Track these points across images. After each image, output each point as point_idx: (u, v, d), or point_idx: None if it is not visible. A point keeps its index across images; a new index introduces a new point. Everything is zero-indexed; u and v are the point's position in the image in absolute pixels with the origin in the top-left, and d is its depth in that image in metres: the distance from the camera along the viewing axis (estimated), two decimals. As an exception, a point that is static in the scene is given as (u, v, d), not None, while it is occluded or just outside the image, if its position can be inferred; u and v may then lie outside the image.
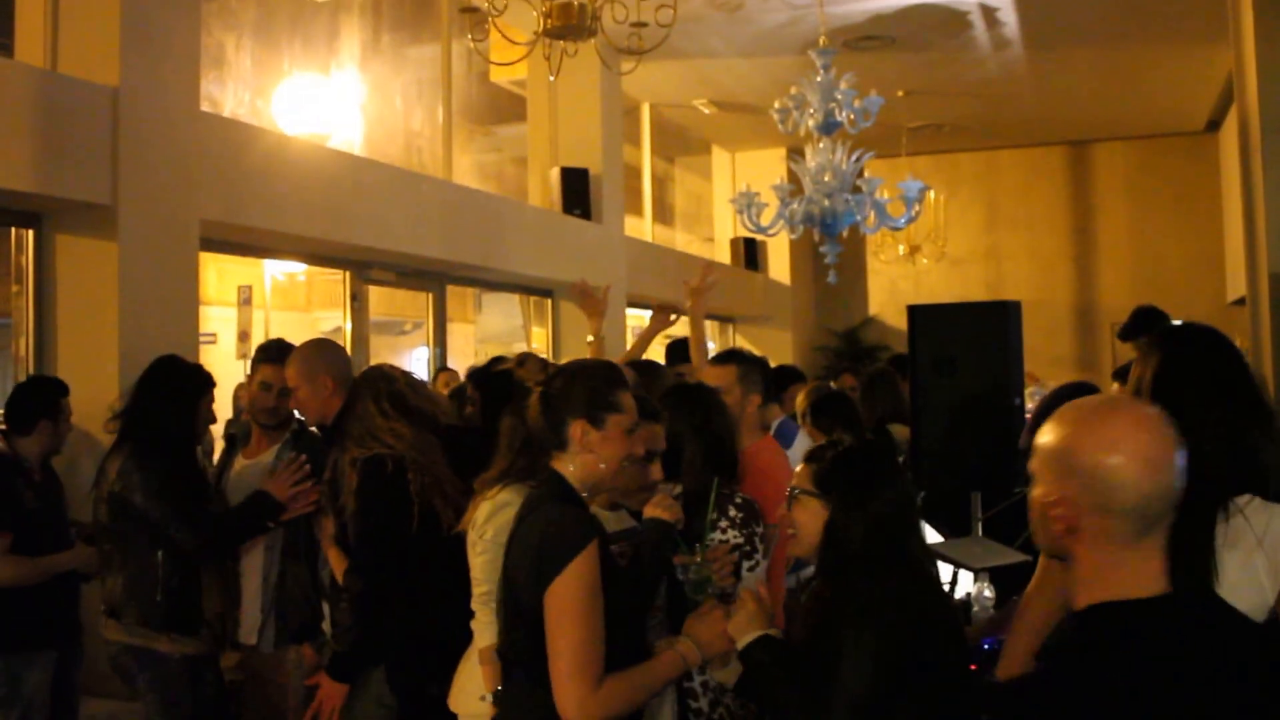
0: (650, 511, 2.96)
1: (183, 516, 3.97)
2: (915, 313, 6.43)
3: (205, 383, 4.33)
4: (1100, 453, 1.62)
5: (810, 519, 2.53)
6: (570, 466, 2.73)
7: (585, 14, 5.33)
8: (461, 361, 11.99)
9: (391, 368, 3.99)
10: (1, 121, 4.75)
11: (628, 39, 5.43)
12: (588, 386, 2.76)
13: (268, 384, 4.36)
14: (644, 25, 5.33)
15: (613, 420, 2.72)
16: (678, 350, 6.30)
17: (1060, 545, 1.71)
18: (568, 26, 5.35)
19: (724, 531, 3.25)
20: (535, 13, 5.33)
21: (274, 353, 4.43)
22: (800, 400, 6.38)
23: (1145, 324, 6.07)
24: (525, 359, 3.80)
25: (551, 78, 5.60)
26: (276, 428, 4.41)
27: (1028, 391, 11.49)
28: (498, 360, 4.20)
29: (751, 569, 3.19)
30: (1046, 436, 1.71)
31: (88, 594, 4.65)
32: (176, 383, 4.22)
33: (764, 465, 3.91)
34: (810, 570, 2.70)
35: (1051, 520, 1.69)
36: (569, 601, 2.51)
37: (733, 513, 3.28)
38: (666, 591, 3.02)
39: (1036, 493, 1.74)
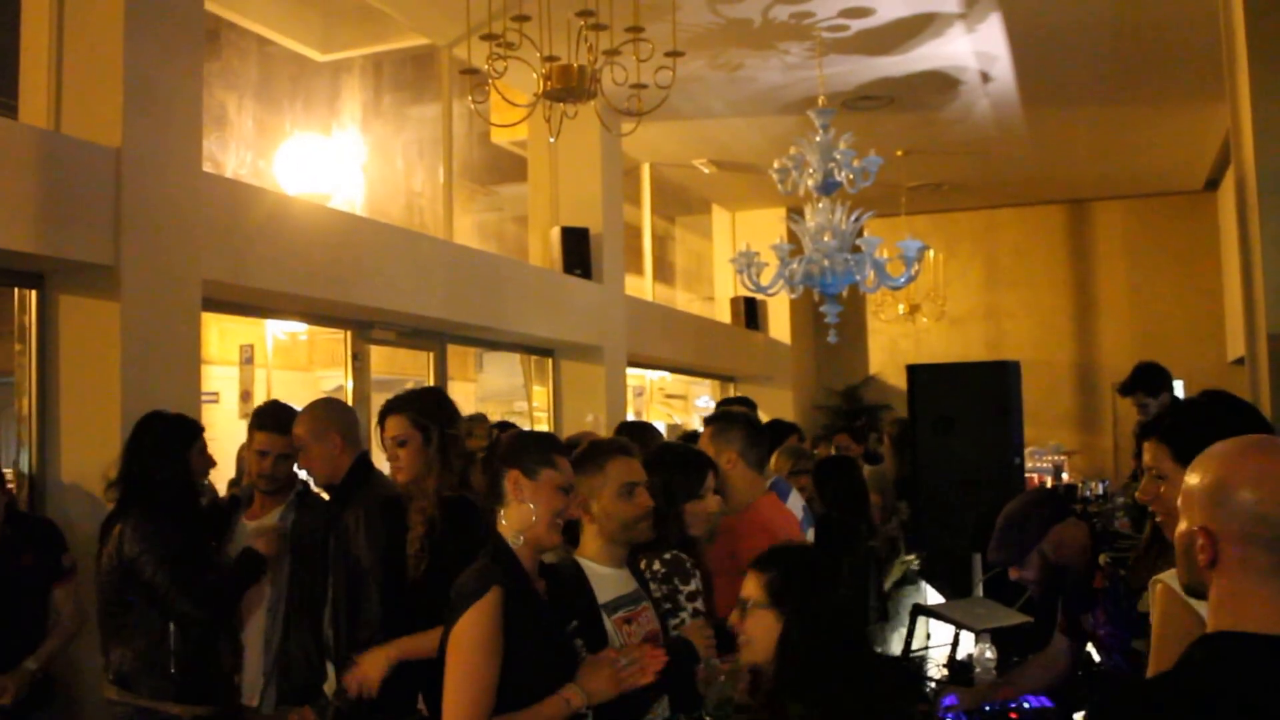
0: (687, 632, 3.11)
1: (187, 589, 3.99)
2: (915, 373, 6.47)
3: (191, 431, 4.34)
4: (1248, 486, 1.70)
5: (764, 632, 2.57)
6: (507, 520, 2.85)
7: (584, 76, 5.40)
8: (463, 419, 11.93)
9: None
10: (5, 182, 4.76)
11: (627, 100, 5.49)
12: (523, 443, 2.95)
13: (264, 451, 4.38)
14: (643, 87, 5.39)
15: (545, 473, 2.85)
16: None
17: (1202, 578, 1.78)
18: (567, 89, 5.42)
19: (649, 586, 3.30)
20: (535, 75, 5.40)
21: (268, 418, 4.45)
22: (774, 461, 6.37)
23: (1146, 380, 6.10)
24: (474, 426, 3.88)
25: (551, 139, 5.66)
26: (277, 491, 4.43)
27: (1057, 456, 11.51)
28: None
29: (676, 627, 3.25)
30: (1196, 475, 1.79)
31: (85, 656, 4.64)
32: (162, 436, 4.25)
33: (764, 520, 3.94)
34: None
35: (1197, 551, 1.76)
36: (457, 647, 2.67)
37: (657, 566, 3.34)
38: None
39: (1182, 527, 1.82)
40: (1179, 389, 12.97)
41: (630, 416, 11.08)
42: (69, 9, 5.40)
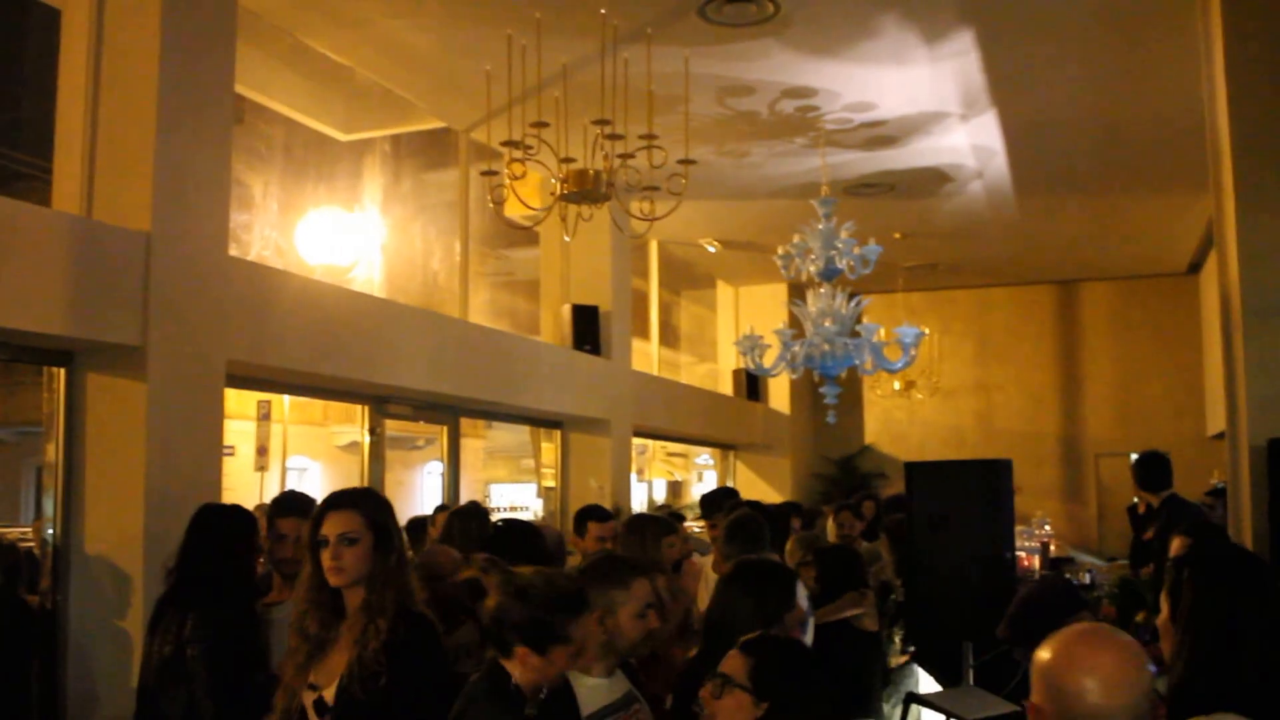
0: None
1: (219, 699, 3.97)
2: (912, 470, 6.66)
3: (251, 523, 4.41)
4: (1069, 672, 1.89)
5: (736, 713, 2.43)
6: (515, 671, 2.77)
7: (600, 180, 5.61)
8: (471, 474, 12.01)
9: None
10: (38, 267, 4.87)
11: (639, 202, 5.70)
12: (535, 616, 2.77)
13: (283, 535, 4.49)
14: (655, 189, 5.59)
15: (555, 651, 2.75)
16: (712, 501, 6.42)
17: None
18: (583, 192, 5.62)
19: None
20: (553, 180, 5.60)
21: (287, 505, 4.57)
22: (790, 550, 6.51)
23: (1153, 473, 6.31)
24: (489, 567, 3.68)
25: (567, 238, 5.85)
26: (295, 575, 4.53)
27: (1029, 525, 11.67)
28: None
29: None
30: (1043, 653, 1.97)
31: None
32: (233, 532, 4.29)
33: None
34: None
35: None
36: None
37: None
38: None
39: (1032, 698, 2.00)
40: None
41: (634, 477, 11.25)
42: (103, 98, 5.54)
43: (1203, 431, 13.18)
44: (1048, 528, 11.95)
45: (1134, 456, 6.62)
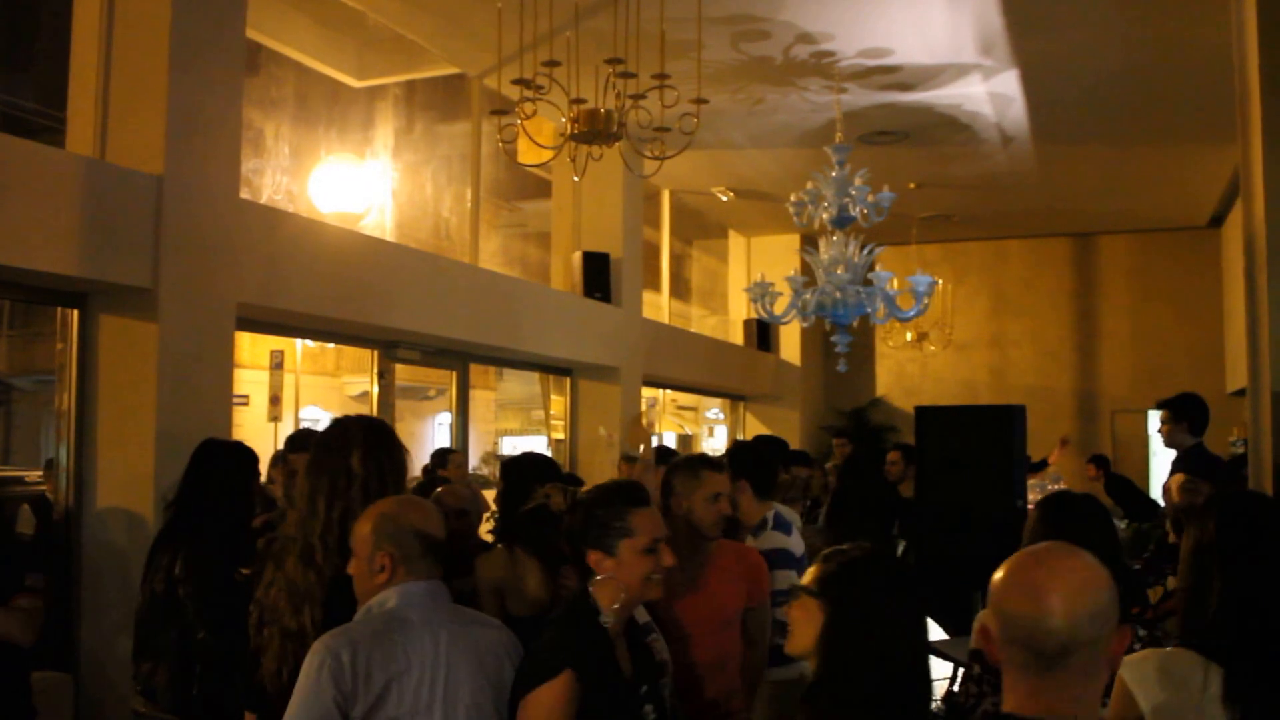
0: None
1: (211, 624, 3.97)
2: (923, 414, 6.61)
3: (255, 464, 4.41)
4: (1009, 594, 1.85)
5: (805, 619, 2.42)
6: (598, 594, 2.80)
7: (611, 120, 5.58)
8: (482, 425, 12.04)
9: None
10: (52, 209, 4.92)
11: (650, 144, 5.67)
12: (594, 516, 2.86)
13: (294, 470, 4.51)
14: (667, 130, 5.56)
15: (625, 545, 2.80)
16: None
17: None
18: (593, 132, 5.59)
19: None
20: (563, 118, 5.57)
21: (301, 442, 4.59)
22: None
23: (1182, 406, 6.28)
24: (551, 493, 3.71)
25: (576, 178, 5.83)
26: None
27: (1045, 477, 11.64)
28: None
29: None
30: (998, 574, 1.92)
31: (116, 671, 4.81)
32: (230, 468, 4.29)
33: (726, 563, 3.88)
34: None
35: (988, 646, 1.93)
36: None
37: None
38: None
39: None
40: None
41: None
42: (116, 42, 5.58)
43: (1222, 388, 13.08)
44: (1061, 484, 11.94)
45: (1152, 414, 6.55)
